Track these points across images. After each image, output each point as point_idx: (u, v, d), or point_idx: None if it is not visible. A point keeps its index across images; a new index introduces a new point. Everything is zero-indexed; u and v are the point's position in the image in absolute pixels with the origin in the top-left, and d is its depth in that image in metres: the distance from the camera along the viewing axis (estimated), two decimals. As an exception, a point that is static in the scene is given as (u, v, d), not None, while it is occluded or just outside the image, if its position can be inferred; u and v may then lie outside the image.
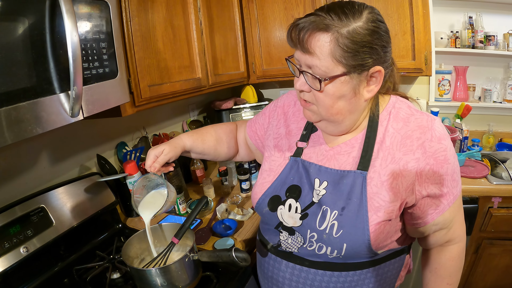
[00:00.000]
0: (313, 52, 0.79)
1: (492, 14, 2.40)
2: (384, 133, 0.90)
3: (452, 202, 0.89)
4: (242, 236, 1.48)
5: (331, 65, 0.78)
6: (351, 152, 0.93)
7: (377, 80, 0.84)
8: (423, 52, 2.04)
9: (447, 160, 0.86)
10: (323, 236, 0.89)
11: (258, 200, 1.03)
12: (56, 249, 1.31)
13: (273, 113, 1.17)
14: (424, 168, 0.85)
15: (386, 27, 0.83)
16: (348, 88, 0.82)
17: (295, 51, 0.85)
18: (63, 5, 0.84)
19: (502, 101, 2.46)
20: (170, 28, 1.58)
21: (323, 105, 0.85)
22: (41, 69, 0.87)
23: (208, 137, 1.24)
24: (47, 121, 0.89)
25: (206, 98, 2.65)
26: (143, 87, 1.39)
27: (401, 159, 0.86)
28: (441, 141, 0.86)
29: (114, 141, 1.81)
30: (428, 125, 0.87)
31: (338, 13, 0.77)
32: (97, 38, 1.05)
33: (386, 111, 0.93)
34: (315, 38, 0.77)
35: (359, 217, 0.86)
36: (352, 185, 0.89)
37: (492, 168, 2.10)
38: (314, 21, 0.77)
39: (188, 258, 1.04)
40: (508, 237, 1.94)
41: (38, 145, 1.41)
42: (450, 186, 0.88)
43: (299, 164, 1.00)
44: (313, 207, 0.93)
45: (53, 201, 1.31)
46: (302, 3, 2.22)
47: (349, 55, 0.77)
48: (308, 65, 0.81)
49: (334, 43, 0.76)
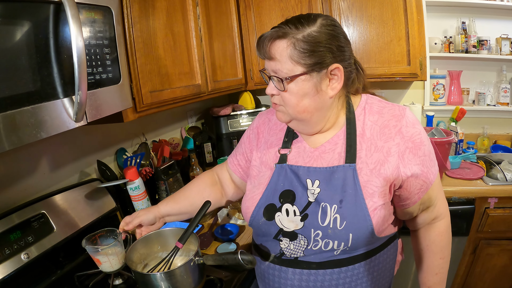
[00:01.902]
0: (274, 57, 0.89)
1: (484, 19, 2.45)
2: (362, 126, 0.98)
3: (434, 180, 0.97)
4: (244, 240, 1.47)
5: (291, 66, 0.88)
6: (335, 149, 0.98)
7: (339, 77, 0.91)
8: (418, 58, 2.07)
9: (423, 142, 0.94)
10: (328, 231, 0.91)
11: (252, 213, 1.03)
12: (57, 256, 1.29)
13: (252, 136, 1.20)
14: (405, 151, 0.93)
15: (341, 30, 0.93)
16: (310, 86, 0.90)
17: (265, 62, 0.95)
18: (69, 10, 0.84)
19: (495, 104, 2.49)
20: (171, 34, 1.59)
21: (289, 104, 0.93)
22: (45, 73, 0.86)
23: (181, 198, 1.30)
24: (51, 125, 0.88)
25: (204, 104, 2.65)
26: (144, 93, 1.39)
27: (383, 147, 0.94)
28: (415, 125, 0.95)
29: (113, 147, 1.79)
30: (401, 114, 0.96)
31: (295, 23, 0.88)
32: (101, 44, 1.05)
33: (360, 107, 1.01)
34: (275, 45, 0.88)
35: (358, 206, 0.90)
36: (344, 178, 0.93)
37: (488, 170, 2.12)
38: (274, 31, 0.88)
39: (193, 262, 1.02)
40: (505, 236, 1.95)
41: (38, 151, 1.39)
42: (429, 166, 0.96)
43: (286, 170, 1.02)
44: (311, 206, 0.95)
45: (53, 207, 1.30)
46: (299, 10, 2.24)
47: (306, 55, 0.86)
48: (273, 70, 0.91)
49: (291, 47, 0.86)
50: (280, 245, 0.99)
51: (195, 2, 1.76)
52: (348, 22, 2.16)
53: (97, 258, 1.19)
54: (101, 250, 1.17)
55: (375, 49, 2.15)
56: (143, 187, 1.58)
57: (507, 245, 1.96)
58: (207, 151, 2.37)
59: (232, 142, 2.49)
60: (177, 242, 1.09)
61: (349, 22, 2.16)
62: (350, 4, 2.13)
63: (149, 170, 1.71)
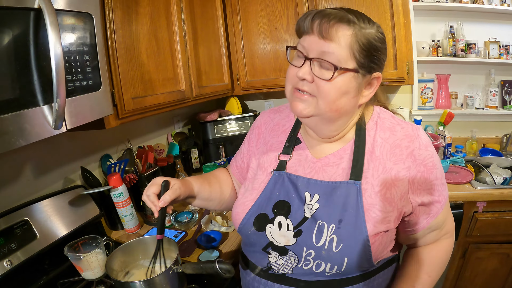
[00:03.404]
0: (333, 39, 0.81)
1: (472, 23, 2.52)
2: (372, 143, 0.92)
3: (444, 205, 0.93)
4: (227, 247, 1.49)
5: (347, 56, 0.81)
6: (340, 164, 0.93)
7: (374, 86, 0.89)
8: (405, 62, 2.12)
9: (435, 166, 0.90)
10: (322, 252, 0.86)
11: (242, 220, 0.98)
12: (40, 263, 1.31)
13: (252, 136, 1.16)
14: (416, 176, 0.88)
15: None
16: (355, 85, 0.85)
17: (302, 39, 0.87)
18: (47, 17, 0.86)
19: (484, 108, 2.56)
20: (154, 40, 1.62)
21: (325, 97, 0.83)
22: (24, 81, 0.88)
23: (213, 180, 1.19)
24: (31, 133, 0.90)
25: (190, 110, 2.68)
26: (126, 99, 1.41)
27: (392, 169, 0.88)
28: (428, 148, 0.90)
29: (98, 153, 1.82)
30: (414, 134, 0.91)
31: (357, 15, 0.83)
32: (81, 51, 1.07)
33: (372, 121, 0.95)
34: (340, 27, 0.80)
35: (358, 229, 0.84)
36: (346, 195, 0.87)
37: (476, 174, 2.16)
38: (340, 13, 0.81)
39: (172, 270, 1.03)
40: (495, 240, 2.00)
41: (22, 157, 1.41)
42: (441, 190, 0.92)
43: (284, 178, 0.97)
44: (307, 222, 0.89)
45: (37, 214, 1.31)
46: (285, 15, 2.29)
47: (364, 53, 0.82)
48: (324, 51, 0.81)
49: (354, 37, 0.81)
50: (268, 259, 0.95)
51: (180, 7, 1.80)
52: (335, 26, 2.20)
53: (79, 265, 1.21)
54: (83, 258, 1.19)
55: (361, 53, 2.18)
56: (127, 194, 1.60)
57: (497, 248, 2.01)
58: (193, 157, 2.40)
59: (219, 148, 2.52)
60: (156, 236, 1.08)
61: (335, 27, 2.20)
62: (336, 8, 2.18)
63: (133, 176, 1.74)
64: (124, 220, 1.62)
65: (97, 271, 1.23)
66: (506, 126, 2.54)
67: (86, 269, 1.22)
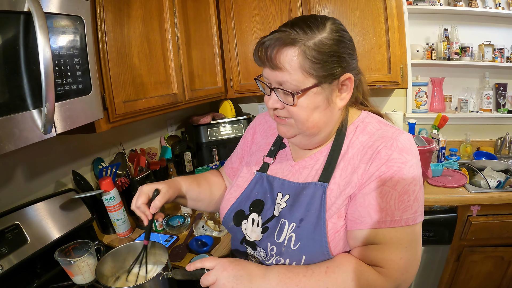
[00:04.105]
0: (283, 68, 0.81)
1: (467, 26, 2.55)
2: (348, 145, 0.91)
3: (388, 225, 0.81)
4: (218, 252, 1.50)
5: (302, 77, 0.81)
6: (315, 165, 0.95)
7: (348, 87, 0.87)
8: (398, 65, 2.14)
9: (402, 175, 0.81)
10: (282, 249, 0.90)
11: (225, 215, 1.06)
12: (32, 267, 1.31)
13: (247, 136, 1.22)
14: (374, 172, 0.83)
15: (350, 36, 0.88)
16: (322, 99, 0.84)
17: (263, 70, 0.88)
18: (37, 20, 0.86)
19: (478, 111, 2.59)
20: (146, 43, 1.62)
21: (298, 119, 0.86)
22: (14, 85, 0.88)
23: (202, 181, 1.23)
24: (20, 137, 0.90)
25: (184, 113, 2.69)
26: (117, 103, 1.42)
27: (359, 167, 0.86)
28: (402, 152, 0.83)
29: (90, 156, 1.82)
30: (392, 136, 0.85)
31: (302, 27, 0.80)
32: (71, 54, 1.07)
33: (353, 125, 0.94)
34: (283, 54, 0.80)
35: (317, 229, 0.85)
36: (312, 196, 0.89)
37: (470, 177, 2.19)
38: (280, 37, 0.80)
39: (162, 276, 1.04)
40: (489, 243, 2.02)
41: (13, 160, 1.41)
42: (393, 205, 0.81)
43: (264, 179, 1.03)
44: (273, 220, 0.94)
45: (28, 218, 1.31)
46: (279, 18, 2.31)
47: (319, 66, 0.80)
48: (279, 81, 0.83)
49: (302, 56, 0.79)
50: (247, 251, 1.01)
51: (172, 10, 1.81)
52: (329, 29, 2.22)
53: (69, 270, 1.21)
54: (74, 263, 1.19)
55: (355, 56, 2.21)
56: (118, 198, 1.60)
57: (491, 251, 2.02)
58: (186, 160, 2.41)
59: (212, 151, 2.53)
60: (144, 241, 1.09)
61: (329, 30, 2.22)
62: (330, 11, 2.21)
63: (124, 180, 1.74)
64: (116, 224, 1.62)
65: (88, 275, 1.23)
66: (500, 129, 2.58)
67: (77, 274, 1.22)
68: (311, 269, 0.84)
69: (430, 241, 2.01)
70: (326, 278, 0.81)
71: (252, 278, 0.83)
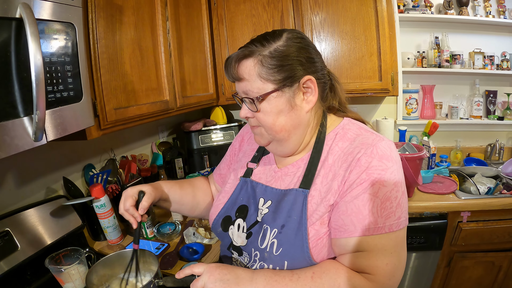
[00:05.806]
0: (243, 78, 0.90)
1: (457, 34, 2.61)
2: (328, 151, 0.93)
3: (372, 232, 0.82)
4: (209, 260, 1.50)
5: (261, 84, 0.88)
6: (296, 172, 0.98)
7: (312, 90, 0.91)
8: (389, 73, 2.17)
9: (383, 182, 0.82)
10: (265, 254, 0.92)
11: (213, 221, 1.09)
12: (22, 274, 1.30)
13: (235, 143, 1.27)
14: (354, 179, 0.84)
15: (310, 41, 0.94)
16: (283, 102, 0.90)
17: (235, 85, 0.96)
18: (28, 27, 0.86)
19: (468, 118, 2.63)
20: (138, 50, 1.64)
21: (265, 124, 0.92)
22: (4, 92, 0.88)
23: (185, 185, 1.28)
24: (10, 145, 0.90)
25: (175, 119, 2.70)
26: (108, 110, 1.42)
27: (340, 174, 0.87)
28: (382, 159, 0.84)
29: (81, 163, 1.82)
30: (372, 143, 0.86)
31: (260, 40, 0.89)
32: (63, 61, 1.08)
33: (333, 132, 0.97)
34: (242, 66, 0.89)
35: (299, 235, 0.87)
36: (293, 202, 0.91)
37: (461, 183, 2.22)
38: (240, 51, 0.90)
39: (153, 284, 1.05)
40: (479, 249, 2.05)
41: (3, 167, 1.41)
42: (375, 213, 0.82)
43: (248, 185, 1.06)
44: (257, 226, 0.97)
45: (18, 225, 1.31)
46: (271, 25, 2.33)
47: (275, 71, 0.87)
48: (244, 91, 0.92)
49: (259, 65, 0.87)
50: (232, 257, 1.04)
51: (165, 17, 1.83)
52: (320, 37, 2.27)
53: (60, 278, 1.21)
54: (64, 270, 1.19)
55: (346, 64, 2.25)
56: (109, 205, 1.61)
57: (482, 257, 2.06)
58: (178, 166, 2.41)
59: (203, 158, 2.54)
60: (133, 245, 1.10)
61: (321, 38, 2.27)
62: (322, 19, 2.24)
63: (115, 187, 1.74)
64: (107, 231, 1.62)
65: (78, 283, 1.24)
66: (490, 136, 2.63)
67: (67, 281, 1.22)
68: (296, 273, 0.85)
69: (421, 247, 2.03)
70: (313, 283, 0.82)
71: (239, 282, 0.85)
